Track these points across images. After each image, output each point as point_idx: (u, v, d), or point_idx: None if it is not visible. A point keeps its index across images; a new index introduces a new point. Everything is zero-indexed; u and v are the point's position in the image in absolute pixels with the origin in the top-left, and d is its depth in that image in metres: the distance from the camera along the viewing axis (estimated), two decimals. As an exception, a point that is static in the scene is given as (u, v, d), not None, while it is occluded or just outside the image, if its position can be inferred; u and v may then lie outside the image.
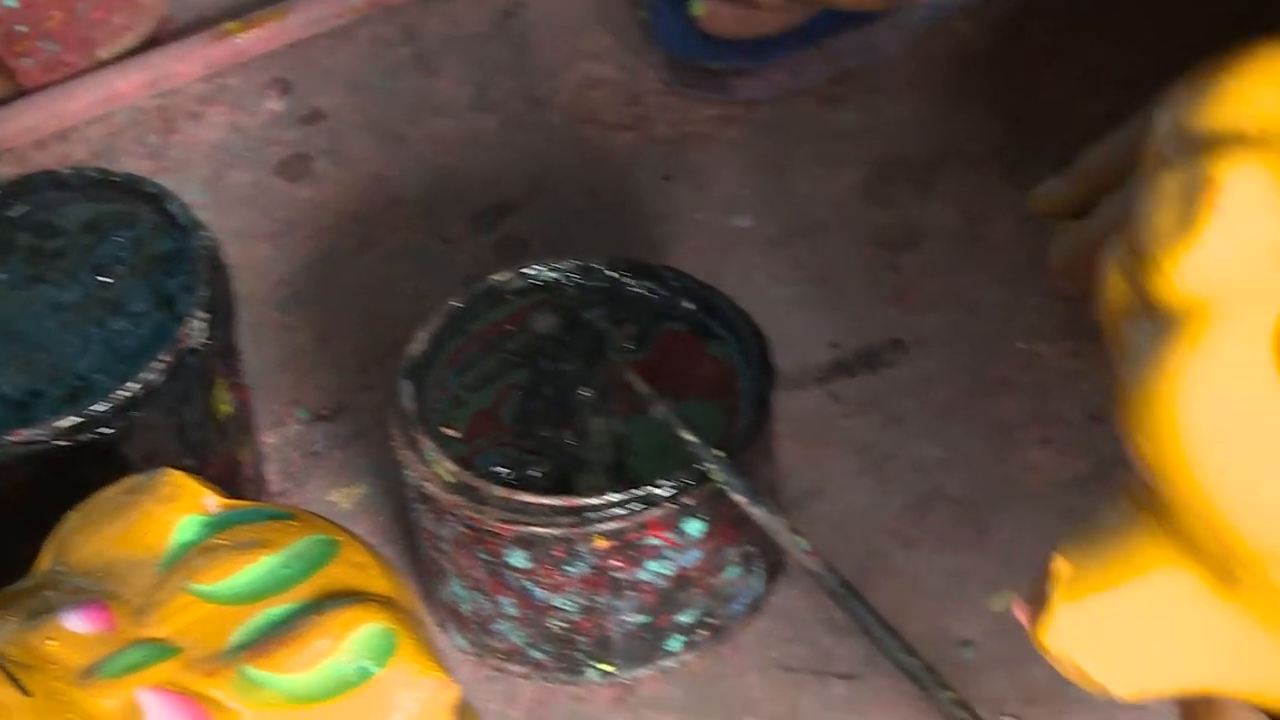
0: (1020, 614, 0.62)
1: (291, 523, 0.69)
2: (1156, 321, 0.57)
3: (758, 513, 0.81)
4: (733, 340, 0.87)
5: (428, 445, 0.83)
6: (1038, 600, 0.62)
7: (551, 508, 0.81)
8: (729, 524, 0.83)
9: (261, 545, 0.67)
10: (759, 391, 0.85)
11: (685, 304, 0.89)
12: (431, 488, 0.83)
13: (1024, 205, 0.90)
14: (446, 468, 0.82)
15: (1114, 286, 0.59)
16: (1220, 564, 0.58)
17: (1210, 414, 0.55)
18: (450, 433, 0.86)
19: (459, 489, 0.82)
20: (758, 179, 1.05)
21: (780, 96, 1.08)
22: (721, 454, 0.82)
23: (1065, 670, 0.62)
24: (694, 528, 0.82)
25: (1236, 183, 0.55)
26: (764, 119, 1.08)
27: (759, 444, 0.84)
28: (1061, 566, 0.61)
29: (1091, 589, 0.61)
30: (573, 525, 0.81)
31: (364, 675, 0.64)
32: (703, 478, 0.82)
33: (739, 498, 0.81)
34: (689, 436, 0.83)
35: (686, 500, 0.81)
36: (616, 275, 0.89)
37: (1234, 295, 0.55)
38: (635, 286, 0.89)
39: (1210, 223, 0.55)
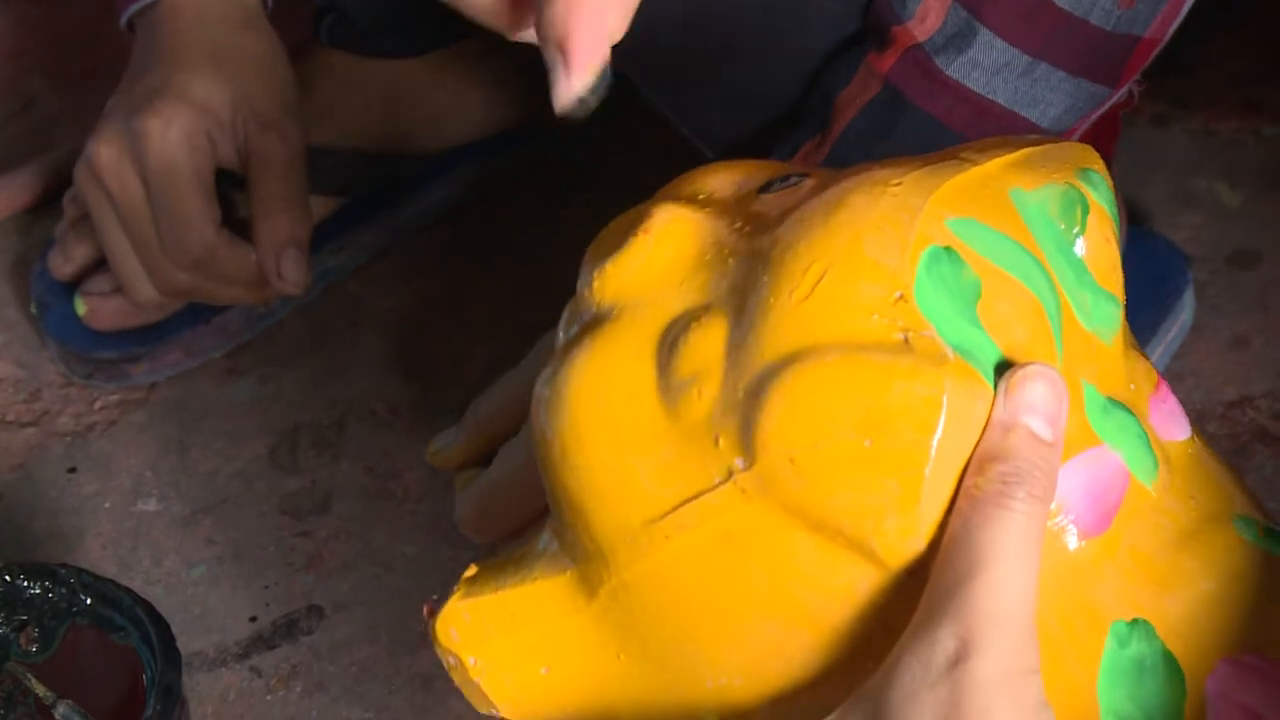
0: (427, 611, 0.64)
1: None
2: (581, 325, 0.62)
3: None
4: (134, 630, 0.86)
5: None
6: (445, 598, 0.64)
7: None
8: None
9: None
10: (165, 680, 0.84)
11: (84, 599, 0.87)
12: None
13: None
14: None
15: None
16: (588, 569, 0.60)
17: (591, 396, 0.59)
18: None
19: None
20: (162, 460, 1.04)
21: (179, 376, 1.08)
22: (131, 748, 0.80)
23: (453, 673, 0.63)
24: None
25: (664, 221, 0.61)
26: (165, 400, 1.08)
27: (171, 732, 0.83)
28: (470, 570, 0.63)
29: (486, 591, 0.63)
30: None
31: None
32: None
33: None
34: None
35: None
36: (10, 579, 0.87)
37: (638, 302, 0.60)
38: (32, 588, 0.87)
39: (635, 242, 0.61)
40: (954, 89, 0.82)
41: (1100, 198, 0.61)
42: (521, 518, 0.83)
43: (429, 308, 1.11)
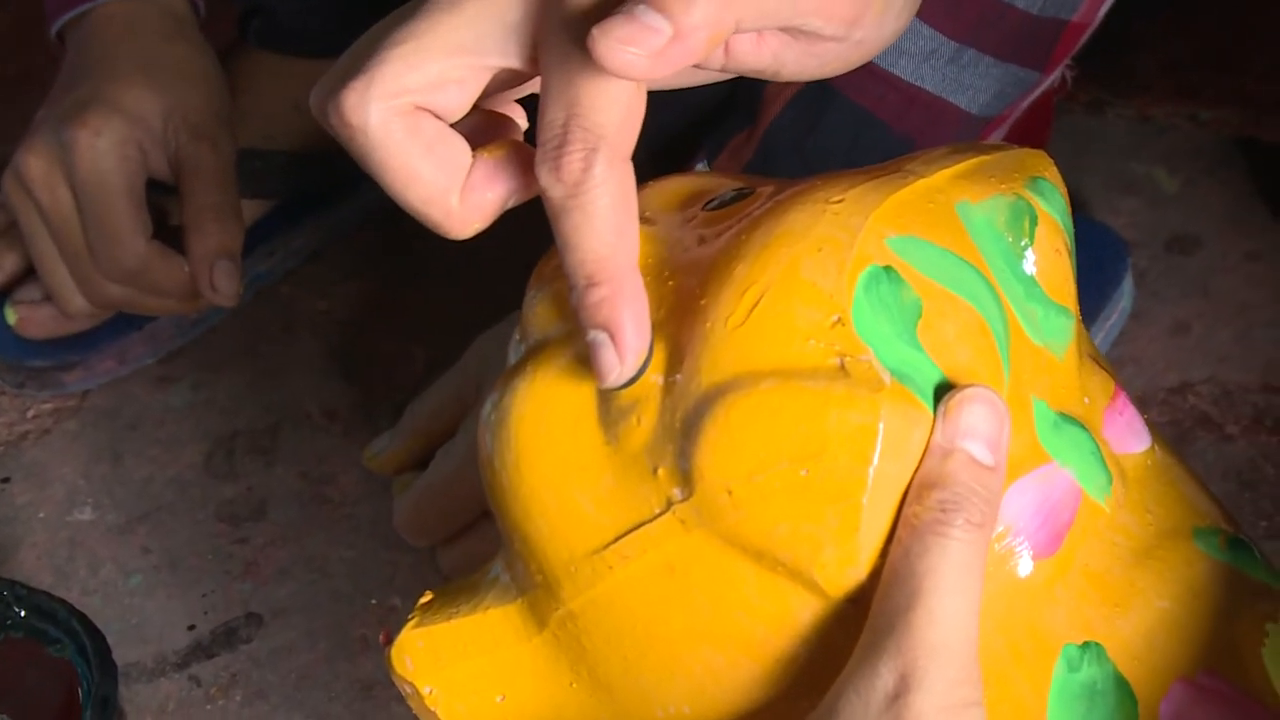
0: (383, 639, 0.64)
1: None
2: (526, 349, 0.61)
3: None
4: (70, 642, 0.85)
5: None
6: (400, 627, 0.64)
7: None
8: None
9: None
10: (101, 692, 0.83)
11: (18, 612, 0.86)
12: None
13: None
14: None
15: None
16: (537, 597, 0.60)
17: (533, 426, 0.58)
18: None
19: None
20: (97, 469, 1.03)
21: (112, 383, 1.07)
22: (66, 763, 0.79)
23: (410, 701, 0.63)
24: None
25: None
26: (98, 407, 1.06)
27: (107, 745, 0.82)
28: (425, 597, 0.63)
29: (440, 619, 0.62)
30: None
31: None
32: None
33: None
34: (31, 750, 0.79)
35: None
36: (-59, 593, 0.86)
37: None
38: (-36, 601, 0.86)
39: None
40: (881, 77, 0.82)
41: (1050, 208, 0.59)
42: (460, 520, 0.82)
43: (363, 310, 1.10)
